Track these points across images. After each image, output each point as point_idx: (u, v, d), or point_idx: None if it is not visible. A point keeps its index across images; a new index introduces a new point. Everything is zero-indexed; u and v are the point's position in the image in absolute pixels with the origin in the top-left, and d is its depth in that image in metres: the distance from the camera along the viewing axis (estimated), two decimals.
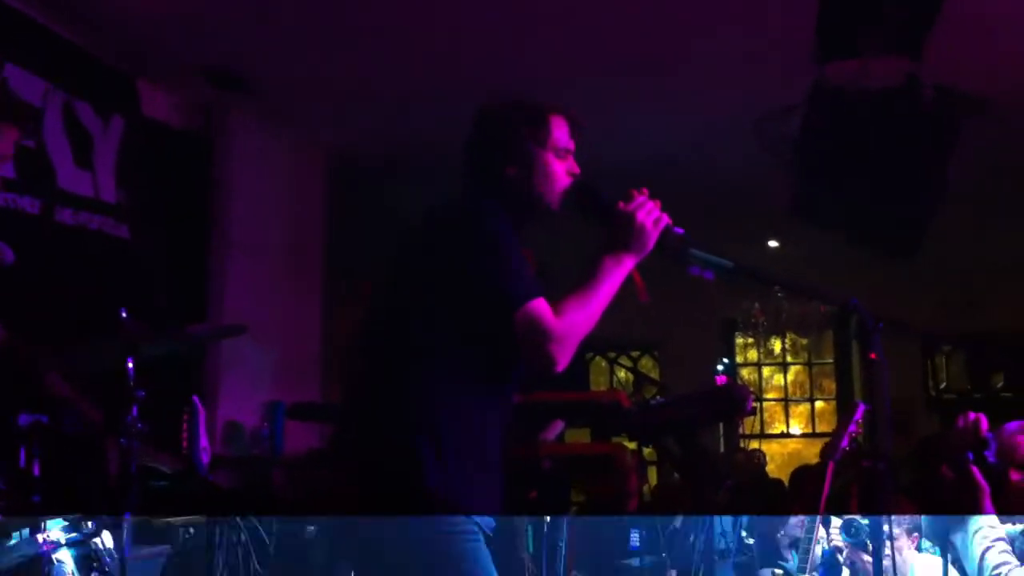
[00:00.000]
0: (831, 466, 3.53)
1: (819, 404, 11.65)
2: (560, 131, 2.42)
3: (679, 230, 2.37)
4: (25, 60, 4.85)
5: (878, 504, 2.47)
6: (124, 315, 2.94)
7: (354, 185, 7.31)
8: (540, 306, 2.20)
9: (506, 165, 2.37)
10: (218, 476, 4.82)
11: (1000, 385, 10.91)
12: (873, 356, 2.36)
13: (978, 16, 5.17)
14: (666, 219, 2.35)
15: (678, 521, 5.74)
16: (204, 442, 3.78)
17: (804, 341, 11.64)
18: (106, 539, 2.94)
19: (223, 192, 6.33)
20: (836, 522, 3.69)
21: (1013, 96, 5.97)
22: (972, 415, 3.09)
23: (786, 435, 11.48)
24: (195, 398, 3.83)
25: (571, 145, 2.44)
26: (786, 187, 5.42)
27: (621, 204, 2.35)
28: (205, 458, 3.78)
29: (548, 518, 3.90)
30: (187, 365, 5.69)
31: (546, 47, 5.60)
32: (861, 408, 3.54)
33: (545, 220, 2.43)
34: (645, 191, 2.37)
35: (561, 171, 2.41)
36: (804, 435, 11.33)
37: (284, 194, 6.81)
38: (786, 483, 7.85)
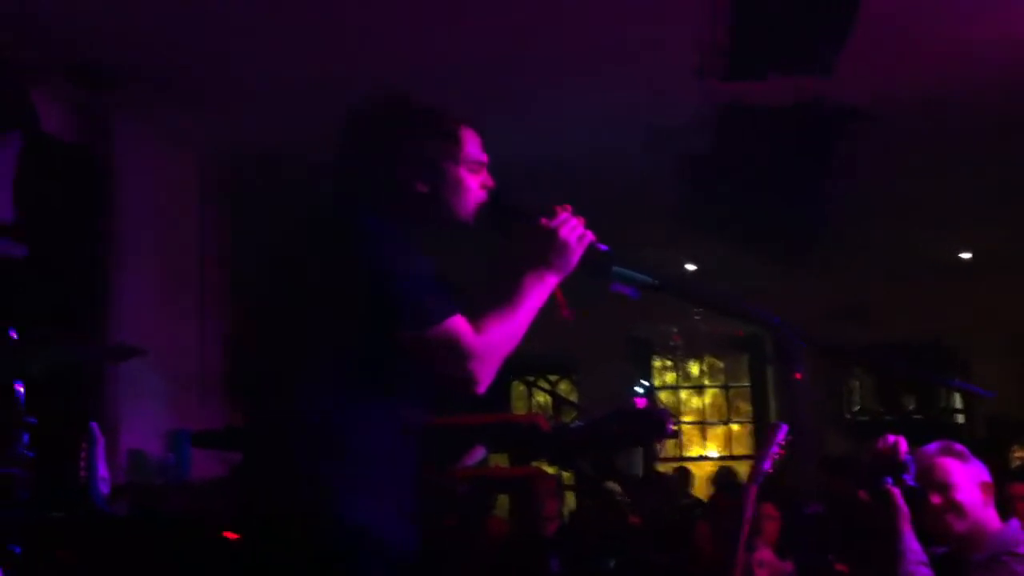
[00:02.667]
0: (754, 489, 3.48)
1: (735, 427, 11.74)
2: (472, 145, 2.32)
3: (603, 247, 2.31)
4: None
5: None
6: (13, 335, 2.76)
7: (244, 190, 7.04)
8: (458, 323, 2.12)
9: (416, 181, 2.26)
10: (119, 507, 4.60)
11: (911, 407, 11.14)
12: (798, 376, 2.34)
13: (886, 35, 5.25)
14: (590, 236, 2.29)
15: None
16: (103, 471, 3.59)
17: (721, 364, 11.75)
18: None
19: (115, 205, 6.04)
20: None
21: (908, 111, 6.09)
22: (892, 438, 3.07)
23: (703, 458, 11.53)
24: (94, 425, 3.64)
25: (484, 158, 2.34)
26: (681, 197, 5.47)
27: (544, 220, 2.28)
28: (104, 488, 3.58)
29: None
30: (86, 390, 5.42)
31: (436, 45, 5.47)
32: (784, 429, 3.50)
33: (453, 233, 2.34)
34: (568, 207, 2.31)
35: (475, 186, 2.31)
36: (721, 457, 11.40)
37: (179, 205, 6.53)
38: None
